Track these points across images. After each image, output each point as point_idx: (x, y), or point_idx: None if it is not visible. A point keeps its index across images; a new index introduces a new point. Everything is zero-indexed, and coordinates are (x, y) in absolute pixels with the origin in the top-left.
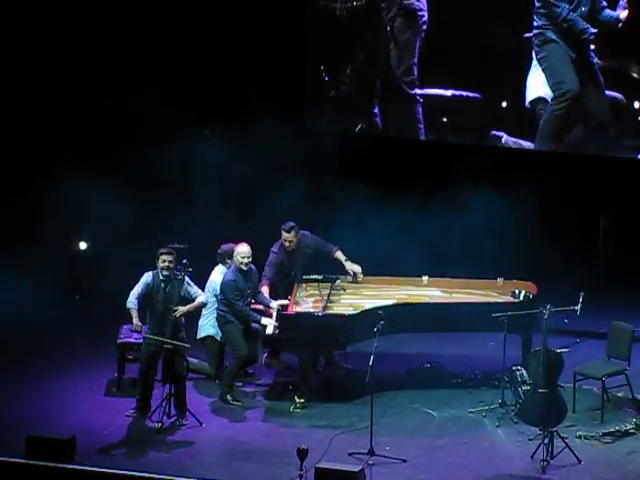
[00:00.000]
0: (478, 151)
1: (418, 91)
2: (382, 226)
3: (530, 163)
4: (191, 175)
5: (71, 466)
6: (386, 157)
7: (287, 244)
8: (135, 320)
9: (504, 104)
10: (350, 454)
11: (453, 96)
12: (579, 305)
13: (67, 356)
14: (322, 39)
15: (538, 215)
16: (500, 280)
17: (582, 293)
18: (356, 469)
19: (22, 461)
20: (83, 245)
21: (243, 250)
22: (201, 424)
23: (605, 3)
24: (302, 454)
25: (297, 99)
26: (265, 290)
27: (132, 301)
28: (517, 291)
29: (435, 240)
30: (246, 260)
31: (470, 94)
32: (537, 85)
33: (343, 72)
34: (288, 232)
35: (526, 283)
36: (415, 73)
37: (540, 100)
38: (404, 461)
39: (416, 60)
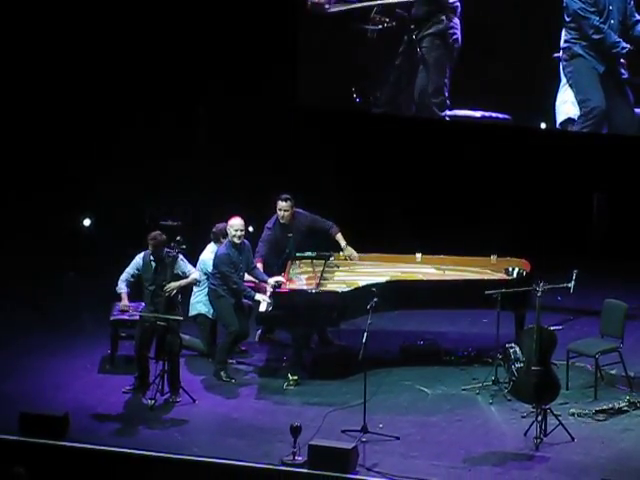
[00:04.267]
0: (469, 129)
1: (448, 112)
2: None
3: (523, 140)
4: (185, 153)
5: (64, 443)
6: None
7: (282, 214)
8: (123, 302)
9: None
10: (343, 431)
11: (483, 117)
12: (572, 282)
13: (60, 333)
14: (352, 61)
15: (531, 192)
16: (493, 257)
17: (575, 270)
18: (349, 446)
19: (15, 438)
20: (87, 222)
21: (236, 223)
22: (194, 401)
23: (638, 17)
24: (295, 431)
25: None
26: (259, 267)
27: (120, 287)
28: (510, 268)
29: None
30: (239, 233)
31: (500, 115)
32: (566, 106)
33: (374, 94)
34: (284, 201)
35: (519, 260)
36: (446, 94)
37: (570, 121)
38: (397, 438)
39: (447, 81)
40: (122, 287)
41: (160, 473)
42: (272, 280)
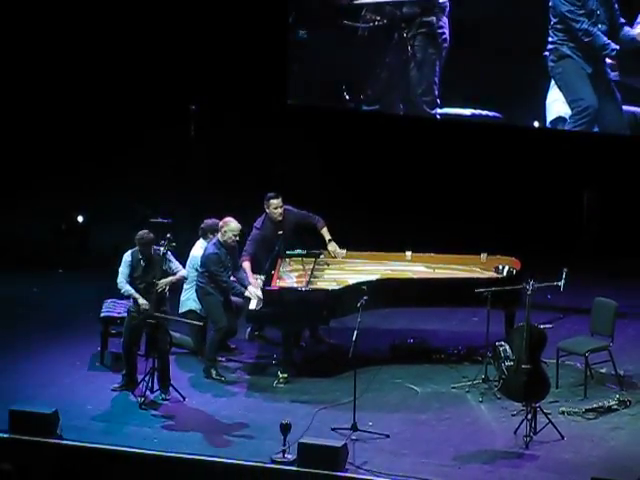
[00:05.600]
0: (460, 127)
1: (438, 110)
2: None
3: (514, 138)
4: (177, 151)
5: (53, 440)
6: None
7: (279, 211)
8: (141, 301)
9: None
10: (333, 429)
11: (473, 116)
12: (562, 281)
13: (50, 330)
14: (343, 59)
15: (522, 190)
16: (484, 256)
17: (565, 269)
18: (339, 444)
19: (5, 435)
20: (80, 218)
21: (235, 227)
22: (184, 399)
23: (623, 20)
24: (285, 429)
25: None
26: (247, 265)
27: (127, 289)
28: (500, 267)
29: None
30: (237, 238)
31: (490, 113)
32: (557, 104)
33: (364, 92)
34: (276, 198)
35: (510, 259)
36: (435, 92)
37: (560, 119)
38: (387, 436)
39: (436, 79)
40: (129, 288)
41: (149, 470)
42: (251, 289)
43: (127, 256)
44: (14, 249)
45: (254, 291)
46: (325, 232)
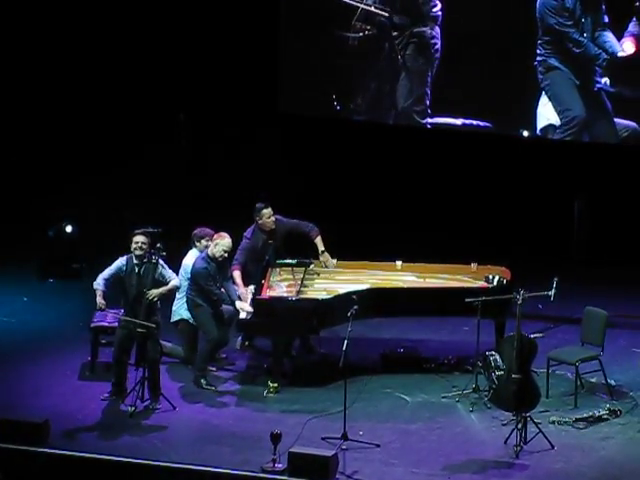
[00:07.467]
0: (450, 136)
1: (429, 120)
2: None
3: (504, 147)
4: (167, 159)
5: (44, 450)
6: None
7: (272, 219)
8: (98, 299)
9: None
10: (323, 439)
11: (463, 125)
12: (553, 290)
13: (40, 339)
14: (333, 68)
15: (513, 199)
16: (474, 265)
17: (556, 278)
18: (329, 454)
19: None
20: (69, 228)
21: (228, 243)
22: (174, 408)
23: (607, 19)
24: (275, 438)
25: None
26: (237, 274)
27: (98, 282)
28: (491, 276)
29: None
30: (226, 254)
31: (481, 123)
32: (547, 112)
33: (355, 101)
34: (267, 207)
35: (500, 268)
36: (427, 102)
37: (551, 127)
38: (377, 446)
39: (427, 89)
40: (100, 284)
41: None
42: (238, 304)
43: (121, 260)
44: (5, 260)
45: (242, 306)
46: (319, 242)
